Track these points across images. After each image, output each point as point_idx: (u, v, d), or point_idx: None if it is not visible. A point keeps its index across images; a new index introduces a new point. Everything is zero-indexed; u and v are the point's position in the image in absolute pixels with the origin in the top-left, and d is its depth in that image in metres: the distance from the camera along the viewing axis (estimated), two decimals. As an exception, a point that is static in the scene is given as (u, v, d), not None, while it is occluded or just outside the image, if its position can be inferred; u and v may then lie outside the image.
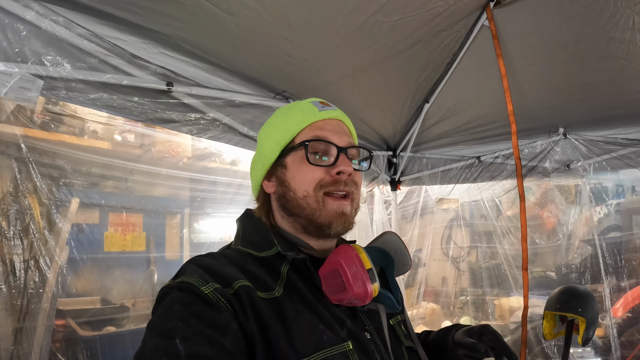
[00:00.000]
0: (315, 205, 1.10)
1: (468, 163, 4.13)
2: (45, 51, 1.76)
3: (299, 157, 1.13)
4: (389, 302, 1.12)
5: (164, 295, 0.96)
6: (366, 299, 1.01)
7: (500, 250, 5.15)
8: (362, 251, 1.06)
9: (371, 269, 1.03)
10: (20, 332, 2.28)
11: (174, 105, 2.23)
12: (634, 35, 2.33)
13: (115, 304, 3.13)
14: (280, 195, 1.16)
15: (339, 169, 1.10)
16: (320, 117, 1.16)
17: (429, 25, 2.35)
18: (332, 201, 1.10)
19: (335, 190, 1.11)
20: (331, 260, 1.06)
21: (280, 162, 1.17)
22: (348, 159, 1.13)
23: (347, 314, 1.09)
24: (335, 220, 1.10)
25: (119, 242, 3.25)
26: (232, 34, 2.07)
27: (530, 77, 2.83)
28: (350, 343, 1.02)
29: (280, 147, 1.16)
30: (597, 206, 4.91)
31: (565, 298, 2.20)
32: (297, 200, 1.11)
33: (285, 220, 1.17)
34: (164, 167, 3.52)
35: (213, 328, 0.87)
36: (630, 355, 4.15)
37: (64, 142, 2.71)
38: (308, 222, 1.12)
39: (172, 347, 0.83)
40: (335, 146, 1.13)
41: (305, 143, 1.11)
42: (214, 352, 0.84)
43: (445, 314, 5.79)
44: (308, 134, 1.14)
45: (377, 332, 1.12)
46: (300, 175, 1.12)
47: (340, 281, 1.01)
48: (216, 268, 0.99)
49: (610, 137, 3.64)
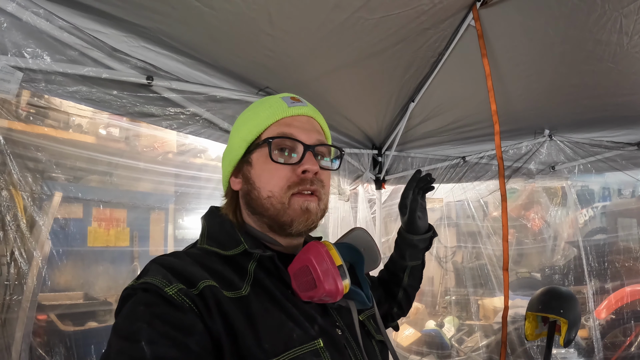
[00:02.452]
0: (279, 206, 1.07)
1: (453, 163, 4.15)
2: (25, 43, 1.74)
3: (264, 155, 1.09)
4: (360, 298, 1.10)
5: (127, 296, 0.93)
6: (337, 295, 1.00)
7: (485, 251, 5.16)
8: (332, 247, 1.04)
9: (341, 266, 1.01)
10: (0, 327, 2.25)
11: (153, 100, 2.21)
12: (621, 38, 2.34)
13: (98, 299, 3.11)
14: (245, 193, 1.13)
15: (304, 167, 1.07)
16: (289, 114, 1.12)
17: (414, 24, 2.35)
18: (297, 198, 1.07)
19: (302, 189, 1.07)
20: (301, 257, 1.03)
21: (246, 159, 1.14)
22: (315, 157, 1.10)
23: (317, 310, 1.07)
24: (297, 217, 1.07)
25: (102, 237, 3.23)
26: (213, 27, 2.06)
27: (516, 78, 2.84)
28: (321, 340, 1.00)
29: (246, 143, 1.13)
30: (583, 209, 4.94)
31: (547, 299, 2.21)
32: (261, 199, 1.08)
33: (251, 218, 1.14)
34: (148, 162, 3.50)
35: (178, 330, 0.85)
36: (614, 357, 4.18)
37: (47, 136, 2.69)
38: (272, 221, 1.09)
39: (138, 351, 0.81)
40: (301, 144, 1.09)
41: (269, 140, 1.08)
42: (180, 354, 0.83)
43: (430, 314, 5.80)
44: (274, 131, 1.10)
45: (348, 328, 1.11)
46: (265, 175, 1.09)
47: (310, 278, 0.99)
48: (180, 268, 0.97)
49: (595, 139, 3.66)
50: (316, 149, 1.11)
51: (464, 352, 5.03)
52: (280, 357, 0.92)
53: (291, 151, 1.10)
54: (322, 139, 1.15)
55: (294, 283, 1.04)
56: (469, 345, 5.12)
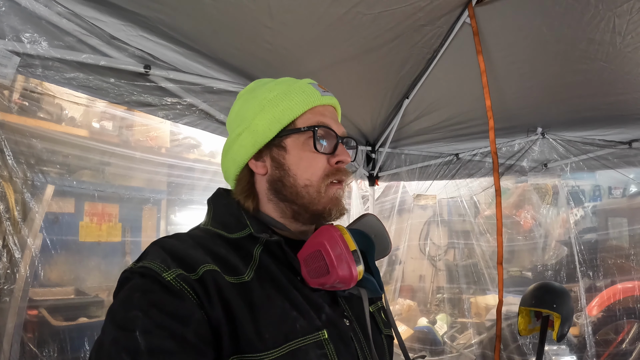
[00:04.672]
0: (315, 195, 1.05)
1: (446, 160, 4.18)
2: (23, 28, 1.74)
3: (301, 142, 1.08)
4: (372, 286, 1.07)
5: (125, 280, 0.91)
6: (351, 282, 0.96)
7: (478, 249, 5.19)
8: (346, 232, 1.00)
9: (356, 251, 0.98)
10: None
11: (150, 89, 2.20)
12: (614, 38, 2.36)
13: (89, 294, 3.09)
14: (275, 179, 1.09)
15: (340, 158, 1.08)
16: (322, 102, 1.12)
17: (410, 20, 2.36)
18: (332, 187, 1.07)
19: (337, 179, 1.08)
20: (312, 242, 1.00)
21: (277, 143, 1.09)
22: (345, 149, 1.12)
23: (325, 299, 1.05)
24: (334, 207, 1.06)
25: (94, 232, 3.20)
26: (213, 18, 2.05)
27: (510, 76, 2.85)
28: (326, 332, 0.97)
29: (280, 125, 1.08)
30: (575, 208, 4.98)
31: (540, 294, 2.21)
32: (297, 187, 1.06)
33: (273, 204, 1.11)
34: (142, 157, 3.47)
35: (175, 319, 0.83)
36: (605, 353, 4.21)
37: (40, 128, 2.67)
38: (303, 208, 1.07)
39: (132, 341, 0.79)
40: (335, 134, 1.09)
41: (315, 128, 1.07)
42: (176, 345, 0.80)
43: (422, 311, 5.81)
44: (311, 119, 1.09)
45: (357, 319, 1.09)
46: (304, 163, 1.07)
47: (323, 264, 0.96)
48: (181, 251, 0.94)
49: (587, 137, 3.70)
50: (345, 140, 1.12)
51: (456, 349, 5.05)
52: (280, 349, 0.90)
53: (328, 141, 1.09)
54: (344, 130, 1.16)
55: (303, 269, 1.01)
56: (461, 342, 5.14)
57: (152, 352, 0.78)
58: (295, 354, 0.91)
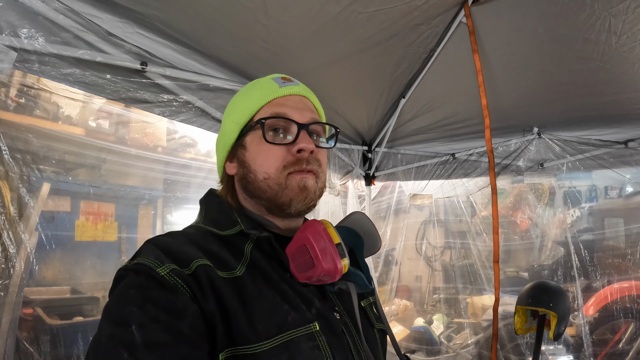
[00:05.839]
0: (277, 187, 1.05)
1: (442, 160, 4.19)
2: (20, 23, 1.75)
3: (258, 137, 1.08)
4: (360, 281, 1.08)
5: (120, 277, 0.92)
6: (336, 274, 0.97)
7: (474, 249, 5.19)
8: (330, 226, 1.02)
9: (340, 244, 0.98)
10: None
11: (147, 86, 2.21)
12: (610, 38, 2.37)
13: (84, 293, 3.08)
14: (241, 177, 1.12)
15: (299, 146, 1.05)
16: (281, 94, 1.11)
17: (406, 19, 2.36)
18: (294, 176, 1.05)
19: (298, 169, 1.06)
20: (298, 237, 1.01)
21: (240, 143, 1.12)
22: (309, 136, 1.09)
23: (315, 294, 1.06)
24: (296, 196, 1.05)
25: (90, 231, 3.19)
26: (209, 16, 2.06)
27: (506, 76, 2.86)
28: (317, 324, 0.98)
29: (239, 126, 1.12)
30: (571, 208, 5.00)
31: (536, 293, 2.21)
32: (258, 182, 1.07)
33: (249, 202, 1.13)
34: (138, 156, 3.47)
35: (170, 313, 0.84)
36: (602, 353, 4.22)
37: (37, 126, 2.67)
38: (270, 203, 1.07)
39: (128, 335, 0.80)
40: (295, 123, 1.07)
41: (262, 121, 1.06)
42: (171, 338, 0.81)
43: (418, 311, 5.82)
44: (267, 112, 1.09)
45: (347, 313, 1.09)
46: (260, 157, 1.07)
47: (308, 257, 0.97)
48: (174, 247, 0.95)
49: (584, 137, 3.71)
50: (310, 127, 1.10)
51: (452, 349, 5.05)
52: (273, 340, 0.91)
53: (285, 131, 1.09)
54: (316, 117, 1.14)
55: (292, 265, 1.02)
56: (457, 342, 5.14)
57: (148, 346, 0.79)
58: (287, 345, 0.92)
